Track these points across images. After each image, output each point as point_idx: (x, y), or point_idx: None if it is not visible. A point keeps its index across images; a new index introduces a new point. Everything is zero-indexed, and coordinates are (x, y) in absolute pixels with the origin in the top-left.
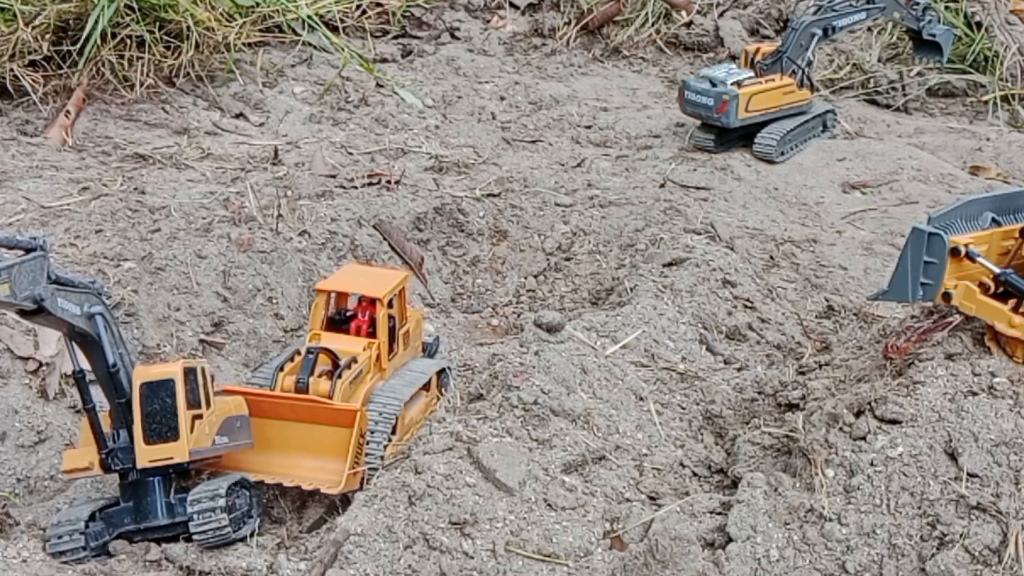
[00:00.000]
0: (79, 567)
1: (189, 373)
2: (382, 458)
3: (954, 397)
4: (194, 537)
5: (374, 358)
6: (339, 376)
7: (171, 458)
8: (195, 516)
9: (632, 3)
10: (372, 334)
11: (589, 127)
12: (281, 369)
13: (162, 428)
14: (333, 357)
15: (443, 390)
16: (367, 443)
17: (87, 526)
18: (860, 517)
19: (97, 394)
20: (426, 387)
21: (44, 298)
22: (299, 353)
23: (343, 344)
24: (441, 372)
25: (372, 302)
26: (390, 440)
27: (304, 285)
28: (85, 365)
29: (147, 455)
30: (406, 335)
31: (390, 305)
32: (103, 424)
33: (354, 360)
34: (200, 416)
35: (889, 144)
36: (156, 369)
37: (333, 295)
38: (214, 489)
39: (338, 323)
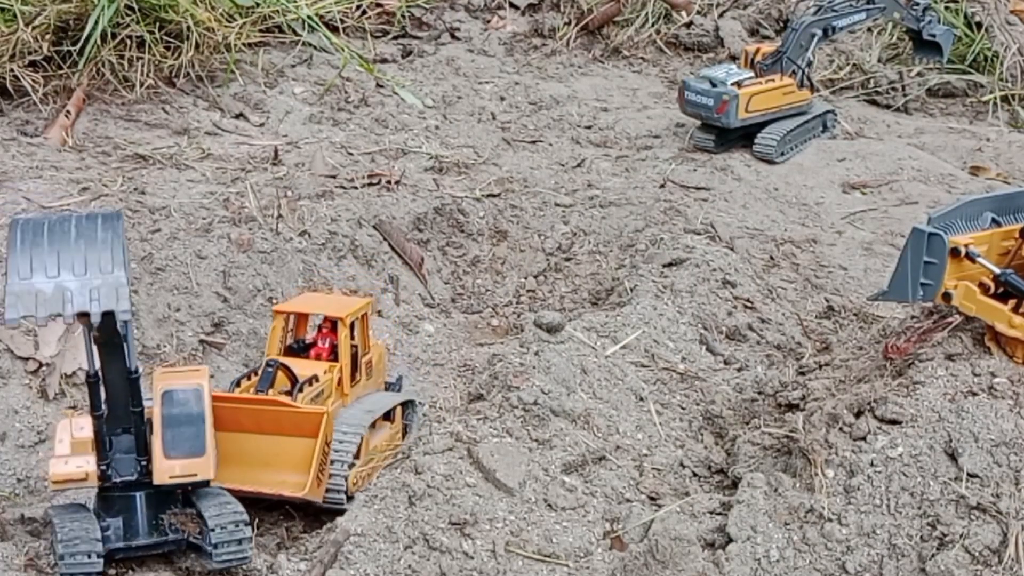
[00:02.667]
0: None
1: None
2: (346, 479)
3: (954, 397)
4: (214, 564)
5: (336, 381)
6: (300, 391)
7: (195, 475)
8: (219, 546)
9: (632, 3)
10: (334, 359)
11: (589, 127)
12: (238, 384)
13: (186, 442)
14: (292, 376)
15: (408, 427)
16: (331, 463)
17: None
18: (860, 517)
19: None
20: (390, 418)
21: None
22: (255, 373)
23: (303, 368)
24: (407, 405)
25: (333, 326)
26: (353, 464)
27: (304, 285)
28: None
29: (167, 471)
30: (368, 365)
31: (352, 330)
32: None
33: (315, 378)
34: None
35: (889, 144)
36: (179, 375)
37: (292, 318)
38: (237, 516)
39: (297, 351)
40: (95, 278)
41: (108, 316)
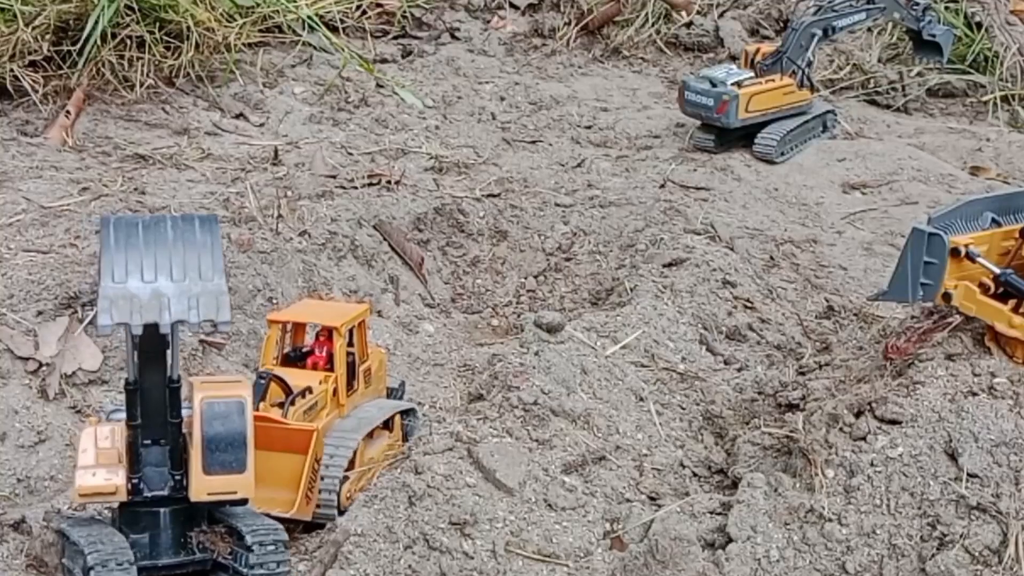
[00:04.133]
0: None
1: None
2: (338, 495)
3: (954, 397)
4: None
5: (331, 392)
6: (292, 403)
7: (234, 493)
8: (257, 567)
9: (632, 3)
10: (330, 369)
11: (589, 127)
12: None
13: (226, 457)
14: (285, 387)
15: (407, 435)
16: (321, 478)
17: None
18: (860, 517)
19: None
20: (388, 427)
21: None
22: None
23: (298, 379)
24: (407, 413)
25: (329, 334)
26: (346, 478)
27: (304, 285)
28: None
29: (205, 487)
30: (367, 373)
31: (350, 339)
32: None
33: (309, 390)
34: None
35: (889, 144)
36: (220, 386)
37: (289, 327)
38: (276, 536)
39: (293, 359)
40: (194, 284)
41: (151, 327)
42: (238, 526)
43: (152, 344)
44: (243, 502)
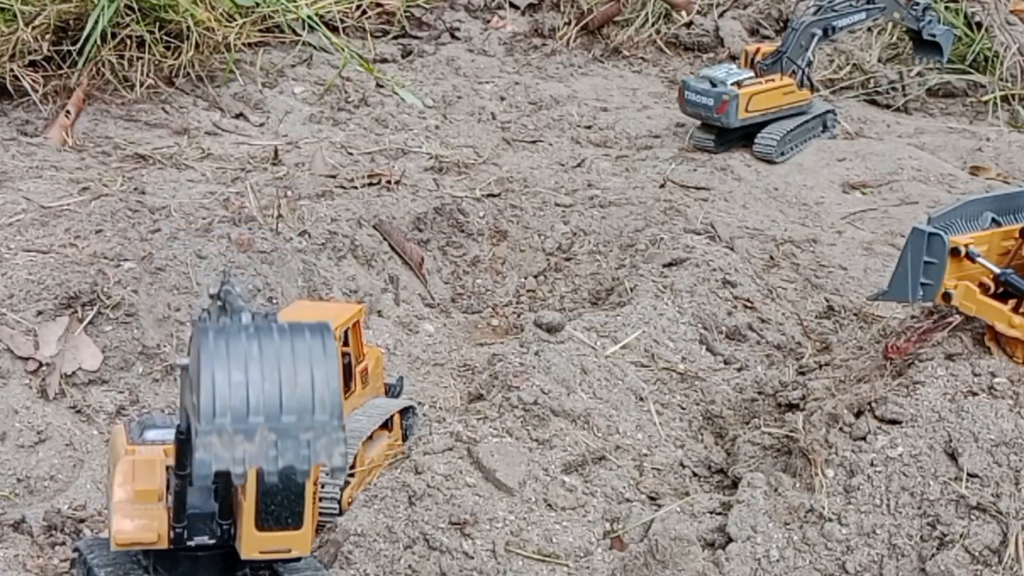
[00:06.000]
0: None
1: None
2: (338, 501)
3: (954, 397)
4: None
5: None
6: None
7: (289, 550)
8: None
9: (632, 3)
10: None
11: (589, 127)
12: None
13: (282, 512)
14: None
15: (407, 432)
16: (322, 486)
17: None
18: (860, 517)
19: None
20: (388, 427)
21: None
22: None
23: None
24: (405, 412)
25: None
26: (347, 482)
27: (304, 285)
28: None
29: (258, 544)
30: (364, 373)
31: (345, 340)
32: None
33: None
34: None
35: (889, 144)
36: None
37: None
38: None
39: None
40: (306, 418)
41: None
42: (280, 570)
43: None
44: (297, 560)
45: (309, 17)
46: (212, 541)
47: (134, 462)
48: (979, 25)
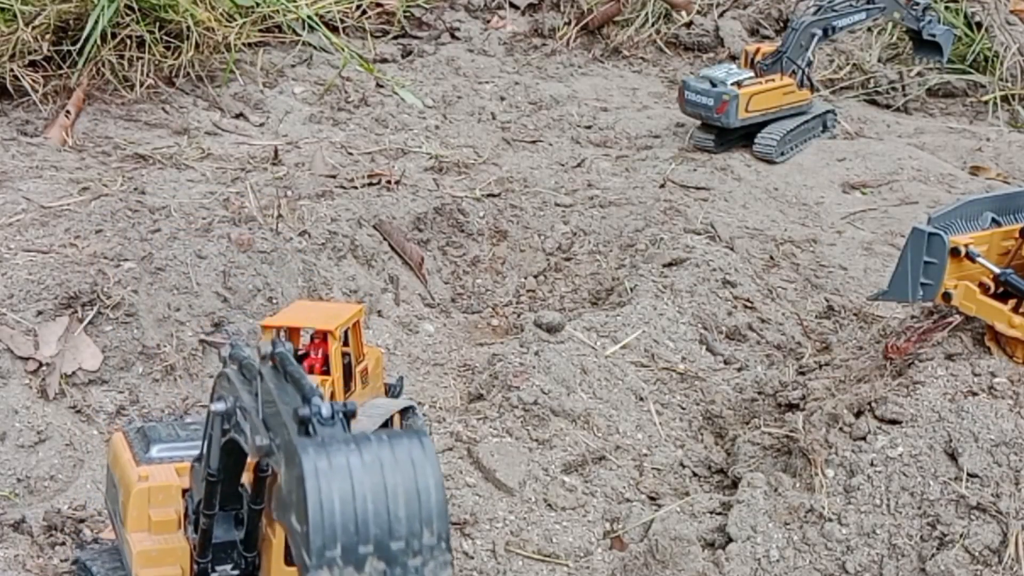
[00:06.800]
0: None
1: None
2: None
3: (954, 397)
4: None
5: (328, 395)
6: None
7: None
8: None
9: (632, 3)
10: (326, 372)
11: (589, 127)
12: None
13: None
14: None
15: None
16: None
17: None
18: (860, 517)
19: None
20: (388, 427)
21: None
22: None
23: None
24: (405, 411)
25: (324, 337)
26: None
27: (304, 285)
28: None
29: None
30: (364, 373)
31: (345, 340)
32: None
33: None
34: None
35: (889, 144)
36: None
37: (283, 331)
38: None
39: None
40: (414, 543)
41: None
42: None
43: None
44: None
45: (309, 17)
46: (236, 572)
47: (149, 490)
48: (979, 25)
